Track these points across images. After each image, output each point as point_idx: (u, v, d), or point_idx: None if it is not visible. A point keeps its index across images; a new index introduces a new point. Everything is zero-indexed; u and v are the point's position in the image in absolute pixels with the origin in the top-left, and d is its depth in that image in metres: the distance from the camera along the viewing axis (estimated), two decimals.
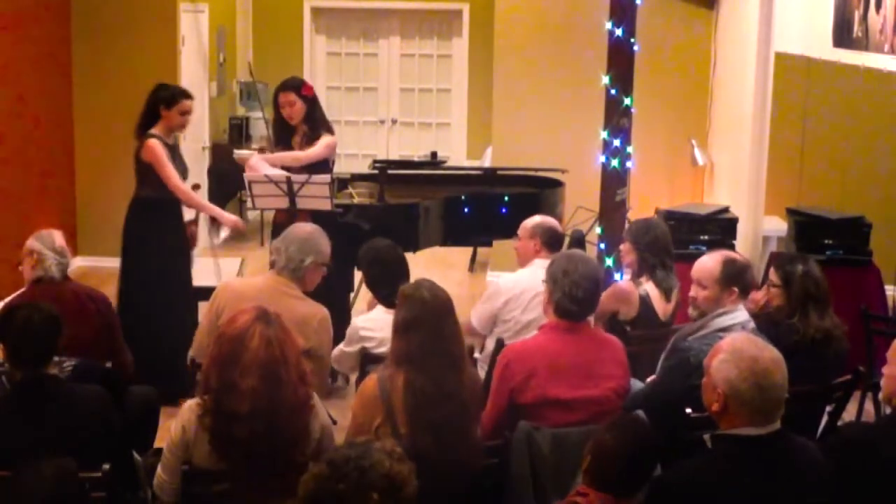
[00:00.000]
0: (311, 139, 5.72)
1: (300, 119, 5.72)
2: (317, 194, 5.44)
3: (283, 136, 5.84)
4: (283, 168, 5.59)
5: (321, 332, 4.12)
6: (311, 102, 5.76)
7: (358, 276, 6.26)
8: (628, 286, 4.66)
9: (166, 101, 5.59)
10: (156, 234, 5.60)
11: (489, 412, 3.59)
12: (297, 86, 5.74)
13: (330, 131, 5.80)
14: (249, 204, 5.57)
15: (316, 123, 5.76)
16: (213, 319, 4.18)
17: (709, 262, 3.97)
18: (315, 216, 5.39)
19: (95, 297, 4.47)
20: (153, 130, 5.59)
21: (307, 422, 3.12)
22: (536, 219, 4.97)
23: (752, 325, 3.86)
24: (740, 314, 3.85)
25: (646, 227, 4.77)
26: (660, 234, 4.72)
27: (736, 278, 3.89)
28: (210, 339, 4.15)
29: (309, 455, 3.03)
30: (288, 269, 4.15)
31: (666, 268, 4.67)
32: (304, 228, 4.31)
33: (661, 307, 4.62)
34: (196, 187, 5.80)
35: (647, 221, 4.88)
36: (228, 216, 5.91)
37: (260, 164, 5.63)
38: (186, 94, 5.68)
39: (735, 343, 2.85)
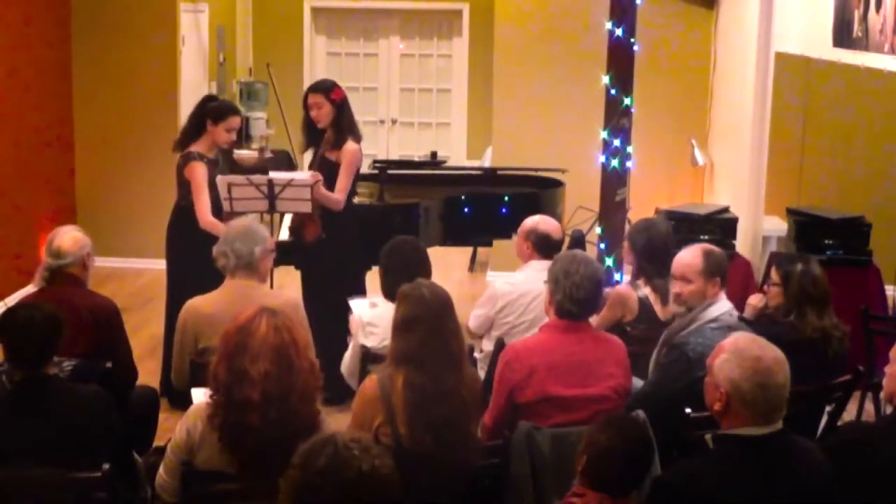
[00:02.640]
0: (335, 146, 5.68)
1: (327, 123, 5.67)
2: (297, 196, 5.42)
3: (311, 137, 5.78)
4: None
5: (299, 318, 4.09)
6: (340, 107, 5.65)
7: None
8: (626, 291, 4.64)
9: (213, 115, 5.50)
10: (199, 242, 5.55)
11: (490, 411, 3.60)
12: (326, 88, 5.66)
13: (356, 138, 5.69)
14: (227, 207, 5.49)
15: (342, 130, 5.65)
16: (190, 343, 4.13)
17: (689, 257, 4.00)
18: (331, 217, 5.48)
19: (95, 308, 4.25)
20: (195, 147, 5.50)
21: (318, 411, 3.11)
22: (535, 219, 4.95)
23: (735, 312, 3.96)
24: (724, 303, 3.92)
25: (643, 228, 4.73)
26: (655, 236, 4.66)
27: (717, 268, 3.95)
28: (187, 364, 4.12)
29: None
30: (241, 266, 4.15)
31: (661, 275, 4.62)
32: (239, 223, 4.31)
33: (659, 310, 4.61)
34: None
35: (646, 223, 4.81)
36: None
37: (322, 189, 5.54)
38: (235, 111, 5.62)
39: (738, 343, 2.85)
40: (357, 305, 4.50)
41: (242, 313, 3.13)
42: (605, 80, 5.70)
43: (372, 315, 4.37)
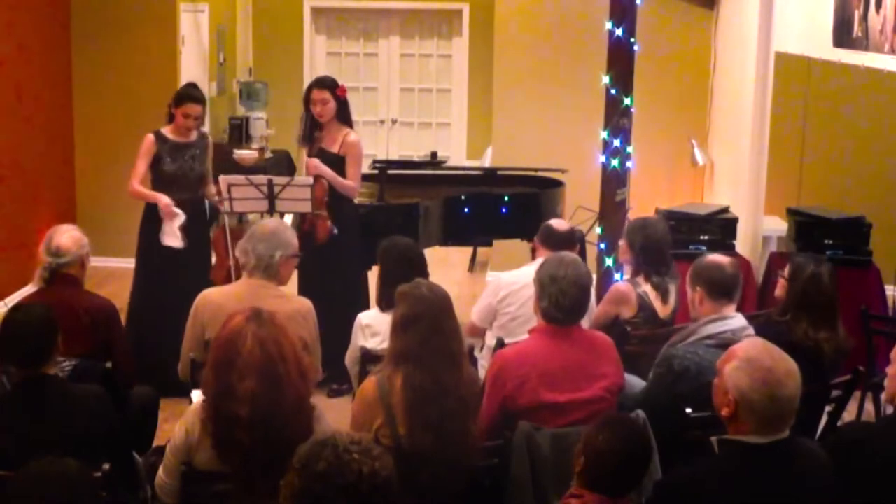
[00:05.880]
0: (335, 138, 5.77)
1: (330, 118, 5.74)
2: (297, 196, 5.44)
3: (310, 132, 5.84)
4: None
5: (308, 324, 4.12)
6: (343, 103, 5.78)
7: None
8: (626, 287, 4.64)
9: (175, 100, 5.68)
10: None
11: (484, 413, 3.56)
12: (332, 85, 5.77)
13: (353, 129, 5.86)
14: (227, 207, 5.53)
15: (344, 124, 5.80)
16: (199, 334, 4.14)
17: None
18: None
19: (93, 309, 4.24)
20: (163, 128, 5.69)
21: (309, 417, 3.11)
22: (550, 221, 5.02)
23: (747, 332, 3.75)
24: (733, 322, 3.77)
25: (640, 226, 4.70)
26: (652, 235, 4.64)
27: (698, 276, 3.84)
28: (198, 353, 4.13)
29: None
30: (260, 268, 4.13)
31: (660, 273, 4.61)
32: (268, 225, 4.31)
33: (660, 308, 4.61)
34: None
35: (643, 222, 4.78)
36: (162, 197, 5.60)
37: (321, 166, 5.66)
38: (193, 98, 5.69)
39: (750, 351, 2.79)
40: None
41: (230, 320, 3.11)
42: (605, 80, 5.70)
43: (371, 318, 4.38)
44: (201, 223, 5.78)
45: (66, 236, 4.28)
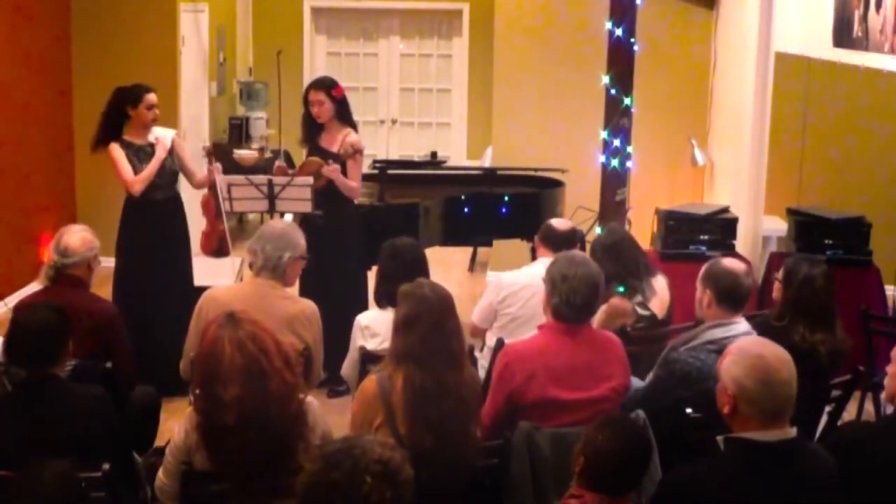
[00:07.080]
0: (335, 138, 5.79)
1: (328, 119, 5.76)
2: (298, 196, 5.46)
3: (311, 133, 5.87)
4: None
5: (312, 326, 4.13)
6: (340, 103, 5.80)
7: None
8: (619, 301, 4.64)
9: (131, 101, 5.60)
10: (146, 233, 5.63)
11: (487, 412, 3.58)
12: (328, 86, 5.79)
13: (355, 130, 5.88)
14: (227, 207, 5.55)
15: (343, 125, 5.83)
16: (203, 329, 4.14)
17: None
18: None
19: (95, 313, 4.23)
20: (125, 136, 5.62)
21: (300, 406, 3.11)
22: (551, 220, 5.03)
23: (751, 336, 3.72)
24: (736, 327, 3.74)
25: (606, 236, 4.75)
26: (620, 241, 4.69)
27: (709, 279, 3.81)
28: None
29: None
30: (267, 268, 4.13)
31: (637, 289, 4.63)
32: (277, 226, 4.32)
33: (657, 308, 4.61)
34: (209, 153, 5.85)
35: (606, 235, 4.81)
36: (157, 156, 5.63)
37: (340, 176, 5.69)
38: (148, 88, 5.67)
39: (742, 344, 2.85)
40: None
41: (205, 332, 3.12)
42: (605, 80, 5.71)
43: (370, 319, 4.38)
44: (179, 220, 5.80)
45: (76, 237, 4.31)
